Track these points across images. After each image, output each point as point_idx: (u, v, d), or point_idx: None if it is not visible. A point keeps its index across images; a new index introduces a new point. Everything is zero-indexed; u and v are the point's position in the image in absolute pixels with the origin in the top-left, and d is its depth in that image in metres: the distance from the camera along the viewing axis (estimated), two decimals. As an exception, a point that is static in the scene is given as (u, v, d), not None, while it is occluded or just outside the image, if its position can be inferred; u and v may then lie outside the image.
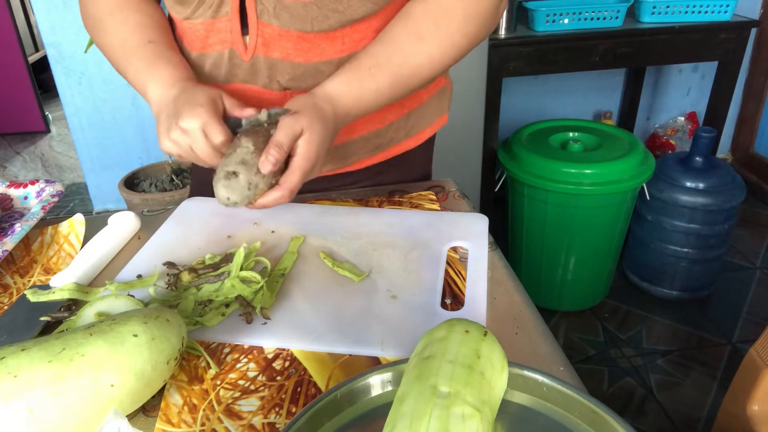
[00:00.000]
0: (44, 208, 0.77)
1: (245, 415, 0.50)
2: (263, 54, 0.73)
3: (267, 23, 0.71)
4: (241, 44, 0.73)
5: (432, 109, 0.89)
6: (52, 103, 3.81)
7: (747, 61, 2.62)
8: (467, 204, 0.82)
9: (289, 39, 0.72)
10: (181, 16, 0.74)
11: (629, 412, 1.65)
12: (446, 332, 0.45)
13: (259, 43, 0.72)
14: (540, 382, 0.46)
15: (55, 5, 2.25)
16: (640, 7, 2.04)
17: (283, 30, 0.71)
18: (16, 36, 3.43)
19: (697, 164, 1.88)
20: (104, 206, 2.68)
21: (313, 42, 0.72)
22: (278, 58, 0.73)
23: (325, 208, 0.80)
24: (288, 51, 0.73)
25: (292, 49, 0.73)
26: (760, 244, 2.36)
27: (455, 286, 0.65)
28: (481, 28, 0.73)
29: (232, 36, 0.73)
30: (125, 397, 0.47)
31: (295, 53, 0.73)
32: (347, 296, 0.63)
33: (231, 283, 0.64)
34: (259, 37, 0.72)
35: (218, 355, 0.57)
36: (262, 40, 0.72)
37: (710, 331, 1.93)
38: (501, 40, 1.93)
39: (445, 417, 0.38)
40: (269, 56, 0.73)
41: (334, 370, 0.54)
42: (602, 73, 2.60)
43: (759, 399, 1.11)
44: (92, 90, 2.40)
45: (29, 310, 0.62)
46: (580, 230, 1.84)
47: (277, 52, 0.73)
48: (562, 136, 1.97)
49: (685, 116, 2.71)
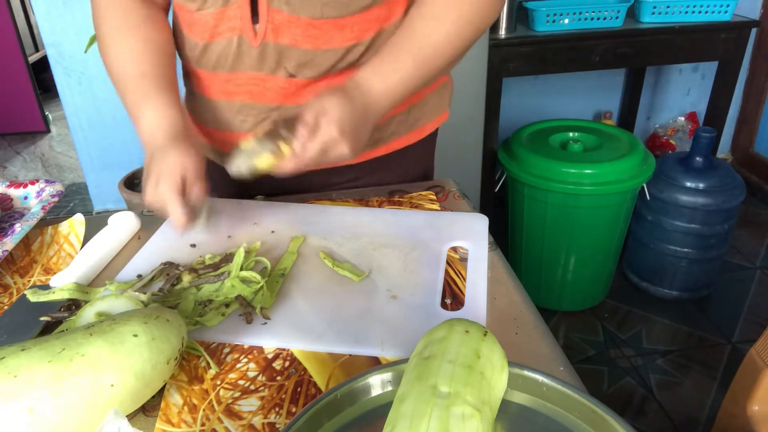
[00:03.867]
0: (44, 208, 0.77)
1: (245, 415, 0.50)
2: (272, 40, 0.74)
3: (277, 9, 0.72)
4: (250, 31, 0.74)
5: (433, 105, 0.90)
6: (52, 103, 3.81)
7: (747, 61, 2.62)
8: (467, 204, 0.82)
9: (299, 25, 0.73)
10: (194, 7, 0.75)
11: (629, 412, 1.65)
12: (446, 332, 0.45)
13: (269, 30, 0.74)
14: (540, 382, 0.46)
15: (55, 5, 2.25)
16: (640, 7, 2.04)
17: (293, 16, 0.73)
18: (16, 36, 3.43)
19: (697, 164, 1.88)
20: (104, 206, 2.68)
21: (321, 29, 0.74)
22: (287, 45, 0.75)
23: (325, 208, 0.80)
24: (297, 37, 0.74)
25: (301, 35, 0.74)
26: (760, 244, 2.36)
27: (455, 286, 0.65)
28: (493, 5, 0.76)
29: (242, 23, 0.74)
30: (125, 397, 0.47)
31: (304, 40, 0.74)
32: (347, 296, 0.63)
33: (231, 283, 0.64)
34: (269, 23, 0.73)
35: (218, 355, 0.57)
36: (272, 27, 0.73)
37: (710, 331, 1.92)
38: (501, 40, 1.93)
39: (445, 417, 0.38)
40: (278, 42, 0.74)
41: (334, 370, 0.54)
42: (602, 73, 2.60)
43: (759, 399, 1.11)
44: (92, 90, 2.40)
45: (29, 310, 0.62)
46: (580, 230, 1.84)
47: (286, 39, 0.74)
48: (562, 136, 1.97)
49: (685, 116, 2.71)
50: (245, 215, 0.79)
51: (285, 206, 0.81)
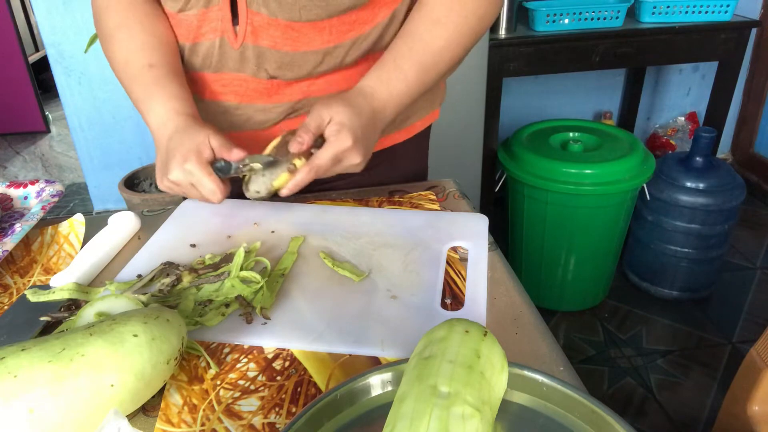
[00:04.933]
0: (44, 208, 0.77)
1: (245, 415, 0.50)
2: (252, 42, 0.75)
3: (256, 12, 0.72)
4: (231, 32, 0.75)
5: (423, 103, 0.90)
6: (52, 103, 3.81)
7: (747, 61, 2.62)
8: (467, 204, 0.82)
9: (278, 28, 0.73)
10: (175, 9, 0.76)
11: (629, 412, 1.65)
12: (446, 332, 0.45)
13: (248, 32, 0.74)
14: (540, 382, 0.46)
15: (55, 5, 2.25)
16: (640, 7, 2.04)
17: (271, 19, 0.72)
18: (16, 36, 3.43)
19: (697, 164, 1.88)
20: (104, 206, 2.68)
21: (300, 31, 0.74)
22: (266, 47, 0.75)
23: (325, 208, 0.80)
24: (276, 39, 0.74)
25: (280, 37, 0.74)
26: (760, 244, 2.36)
27: (455, 286, 0.65)
28: (493, 8, 0.76)
29: (223, 24, 0.74)
30: (125, 397, 0.47)
31: (283, 42, 0.74)
32: (347, 296, 0.63)
33: (231, 283, 0.64)
34: (249, 25, 0.73)
35: (218, 355, 0.57)
36: (251, 29, 0.74)
37: (710, 331, 1.92)
38: (501, 40, 1.93)
39: (445, 417, 0.38)
40: (258, 44, 0.75)
41: (334, 370, 0.54)
42: (602, 73, 2.60)
43: (759, 399, 1.11)
44: (92, 90, 2.40)
45: (29, 310, 0.62)
46: (580, 230, 1.84)
47: (265, 41, 0.74)
48: (562, 136, 1.97)
49: (686, 116, 2.71)
50: (245, 215, 0.79)
51: (285, 206, 0.81)
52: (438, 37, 0.74)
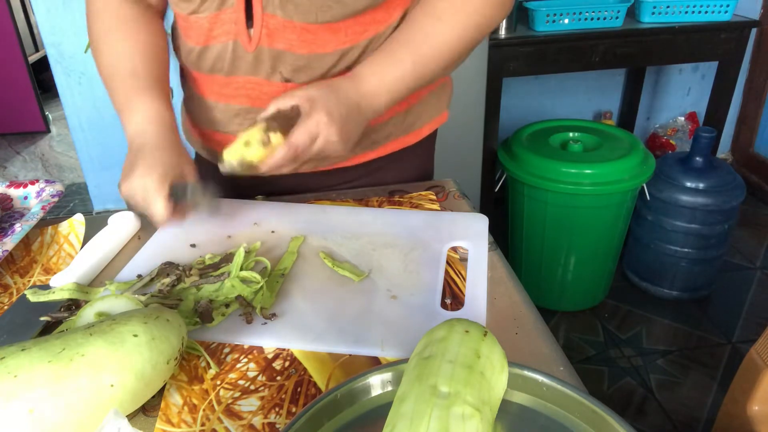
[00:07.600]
0: (44, 208, 0.77)
1: (245, 415, 0.50)
2: (267, 45, 0.74)
3: (272, 14, 0.72)
4: (245, 35, 0.74)
5: (431, 106, 0.89)
6: (52, 103, 3.81)
7: (747, 61, 2.62)
8: (467, 204, 0.82)
9: (293, 30, 0.73)
10: (187, 11, 0.75)
11: (629, 412, 1.65)
12: (446, 332, 0.45)
13: (263, 35, 0.73)
14: (540, 382, 0.46)
15: (55, 5, 2.25)
16: (640, 7, 2.04)
17: (287, 21, 0.72)
18: (16, 36, 3.43)
19: (697, 164, 1.88)
20: (104, 206, 2.68)
21: (316, 33, 0.73)
22: (282, 49, 0.74)
23: (325, 208, 0.80)
24: (291, 42, 0.74)
25: (295, 40, 0.73)
26: (760, 244, 2.36)
27: (455, 286, 0.65)
28: (499, 9, 0.75)
29: (237, 27, 0.74)
30: (125, 397, 0.47)
31: (299, 44, 0.74)
32: (347, 296, 0.63)
33: (231, 283, 0.64)
34: (264, 28, 0.73)
35: (218, 355, 0.57)
36: (266, 31, 0.73)
37: (710, 331, 1.93)
38: (501, 40, 1.93)
39: (445, 417, 0.38)
40: (273, 47, 0.74)
41: (334, 370, 0.54)
42: (602, 73, 2.60)
43: (759, 399, 1.11)
44: (92, 90, 2.40)
45: (29, 310, 0.62)
46: (580, 230, 1.84)
47: (280, 43, 0.74)
48: (562, 136, 1.97)
49: (685, 116, 2.71)
50: (245, 215, 0.79)
51: (285, 206, 0.81)
52: (439, 33, 0.73)
